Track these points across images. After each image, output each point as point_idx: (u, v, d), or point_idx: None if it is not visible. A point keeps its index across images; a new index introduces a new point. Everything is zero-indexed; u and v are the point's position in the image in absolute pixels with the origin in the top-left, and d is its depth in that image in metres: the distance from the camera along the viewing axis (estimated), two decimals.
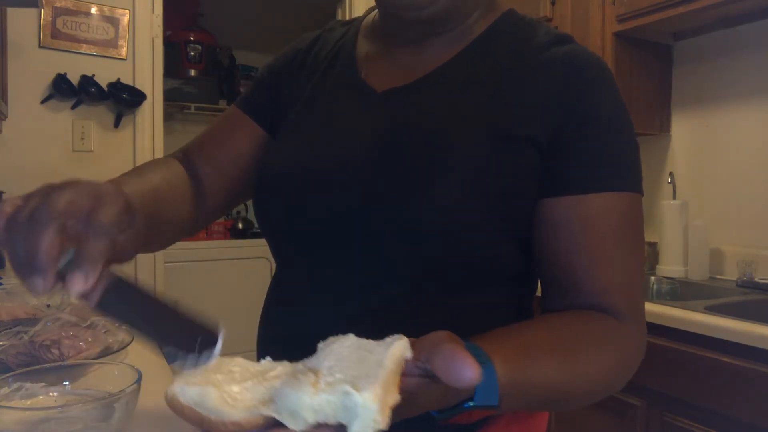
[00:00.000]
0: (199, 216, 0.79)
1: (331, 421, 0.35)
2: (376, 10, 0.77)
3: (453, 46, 0.69)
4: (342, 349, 0.39)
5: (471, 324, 0.58)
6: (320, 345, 0.41)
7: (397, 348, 0.38)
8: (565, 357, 0.55)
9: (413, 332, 0.55)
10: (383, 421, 0.34)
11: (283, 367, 0.40)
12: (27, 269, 0.38)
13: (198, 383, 0.37)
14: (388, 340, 0.39)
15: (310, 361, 0.39)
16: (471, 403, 0.45)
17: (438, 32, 0.69)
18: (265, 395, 0.37)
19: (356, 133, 0.67)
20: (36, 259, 0.38)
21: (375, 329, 0.57)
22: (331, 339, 0.41)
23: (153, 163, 0.78)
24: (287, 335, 0.69)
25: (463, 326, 0.56)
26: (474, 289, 0.63)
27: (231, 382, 0.38)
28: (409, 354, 0.39)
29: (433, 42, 0.70)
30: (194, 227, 0.80)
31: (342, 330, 0.57)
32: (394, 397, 0.36)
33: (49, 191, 0.41)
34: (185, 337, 0.41)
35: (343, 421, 0.34)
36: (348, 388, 0.34)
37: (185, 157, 0.81)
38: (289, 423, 0.35)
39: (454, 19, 0.69)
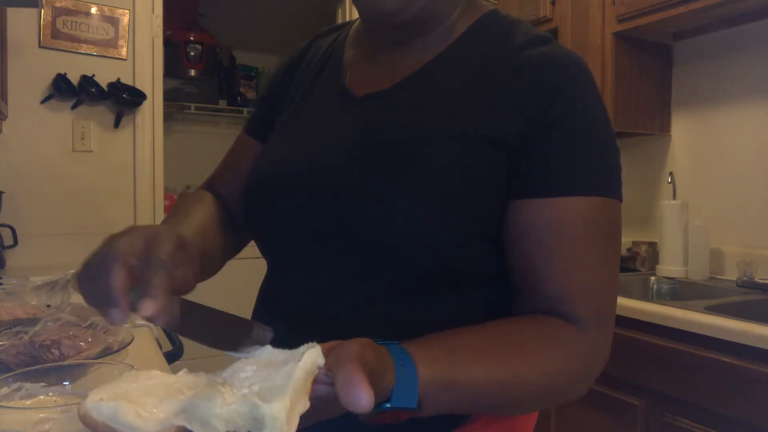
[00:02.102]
0: (239, 238, 0.85)
1: (242, 430, 0.36)
2: None
3: (433, 48, 0.69)
4: (257, 361, 0.41)
5: (445, 326, 0.59)
6: (236, 356, 0.43)
7: (308, 358, 0.40)
8: (498, 359, 0.54)
9: (389, 333, 0.57)
10: (290, 430, 0.36)
11: (198, 378, 0.41)
12: (105, 304, 0.43)
13: (111, 398, 0.37)
14: (301, 349, 0.41)
15: (227, 372, 0.41)
16: (388, 405, 0.46)
17: (417, 34, 0.69)
18: (178, 407, 0.38)
19: (332, 136, 0.68)
20: (110, 294, 0.43)
21: (350, 330, 0.59)
22: (251, 350, 0.43)
23: (192, 200, 0.82)
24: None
25: (438, 328, 0.58)
26: (448, 291, 0.63)
27: (147, 395, 0.38)
28: (321, 361, 0.41)
29: (415, 44, 0.69)
30: (237, 249, 0.86)
31: (318, 330, 0.59)
32: (304, 405, 0.38)
33: (111, 238, 0.47)
34: (244, 338, 0.44)
35: (252, 431, 0.36)
36: (256, 400, 0.36)
37: (210, 187, 0.87)
38: None
39: (431, 21, 0.68)
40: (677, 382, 1.49)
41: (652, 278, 2.09)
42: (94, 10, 2.36)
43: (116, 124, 2.42)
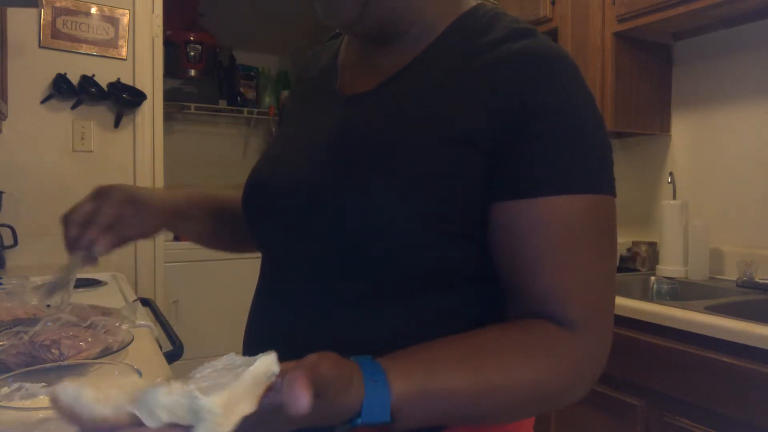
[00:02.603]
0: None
1: (183, 422, 0.38)
2: None
3: (415, 47, 0.68)
4: (218, 364, 0.44)
5: (428, 325, 0.60)
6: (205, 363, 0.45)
7: (261, 363, 0.42)
8: (476, 368, 0.53)
9: (369, 334, 0.60)
10: (227, 427, 0.38)
11: (163, 379, 0.44)
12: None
13: (78, 383, 0.41)
14: (258, 356, 0.43)
15: (192, 373, 0.44)
16: (359, 420, 0.47)
17: (391, 37, 0.68)
18: (134, 395, 0.40)
19: (318, 137, 0.69)
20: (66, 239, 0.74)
21: (332, 330, 0.62)
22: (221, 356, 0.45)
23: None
24: (256, 331, 0.73)
25: (421, 327, 0.60)
26: (429, 291, 0.62)
27: (113, 387, 0.42)
28: (275, 369, 0.42)
29: (398, 43, 0.68)
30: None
31: (301, 329, 0.63)
32: (249, 406, 0.40)
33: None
34: None
35: (192, 423, 0.38)
36: (196, 392, 0.38)
37: None
38: (146, 420, 0.38)
39: (399, 24, 0.67)
40: (677, 382, 1.49)
41: (652, 278, 2.09)
42: (94, 10, 2.36)
43: (116, 124, 2.42)
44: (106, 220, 0.71)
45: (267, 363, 0.42)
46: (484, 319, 0.62)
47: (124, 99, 2.38)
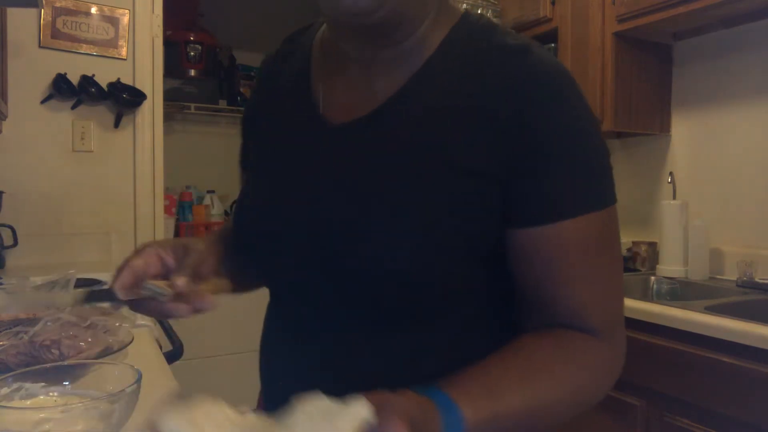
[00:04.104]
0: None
1: None
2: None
3: (407, 66, 0.64)
4: (311, 410, 0.44)
5: (444, 349, 0.63)
6: (294, 401, 0.46)
7: (357, 412, 0.43)
8: (532, 387, 0.57)
9: (389, 358, 0.62)
10: None
11: (257, 419, 0.45)
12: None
13: (178, 419, 0.42)
14: (351, 403, 0.44)
15: (283, 417, 0.44)
16: None
17: (388, 43, 0.64)
18: None
19: (315, 170, 0.66)
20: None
21: (349, 366, 0.63)
22: (304, 397, 0.46)
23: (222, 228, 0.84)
24: (274, 368, 0.73)
25: (436, 350, 0.62)
26: (443, 315, 0.64)
27: (208, 423, 0.43)
28: (369, 417, 0.43)
29: (387, 59, 0.65)
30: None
31: (327, 364, 0.65)
32: None
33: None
34: None
35: None
36: None
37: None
38: None
39: (404, 25, 0.63)
40: (677, 382, 1.49)
41: (652, 278, 2.09)
42: (94, 10, 2.36)
43: (116, 124, 2.42)
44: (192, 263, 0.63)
45: (363, 412, 0.43)
46: (498, 333, 0.65)
47: (124, 99, 2.38)
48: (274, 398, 0.71)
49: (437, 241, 0.59)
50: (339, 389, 0.56)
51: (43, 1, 2.14)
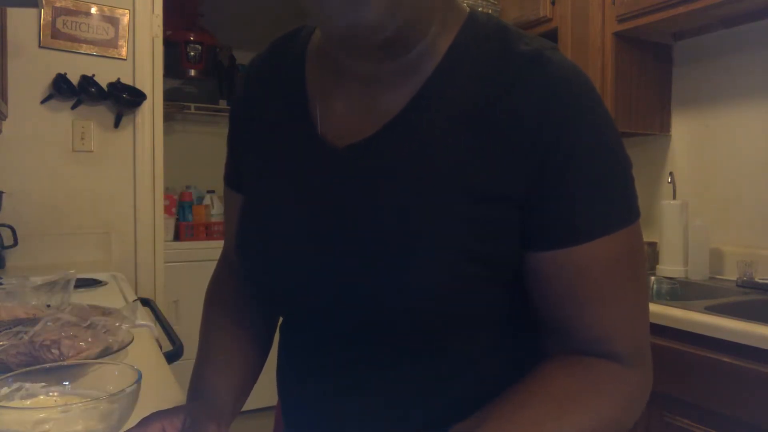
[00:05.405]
0: (270, 334, 0.80)
1: None
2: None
3: (415, 76, 0.59)
4: None
5: (458, 376, 0.62)
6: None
7: None
8: (568, 421, 0.54)
9: (408, 393, 0.61)
10: None
11: None
12: None
13: None
14: None
15: None
16: None
17: (395, 56, 0.58)
18: None
19: (322, 201, 0.61)
20: None
21: (369, 399, 0.62)
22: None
23: (222, 339, 0.76)
24: (292, 390, 0.71)
25: (450, 377, 0.61)
26: (466, 341, 0.62)
27: None
28: None
29: (392, 71, 0.59)
30: (269, 342, 0.80)
31: (334, 392, 0.64)
32: None
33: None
34: None
35: None
36: None
37: (227, 263, 0.82)
38: None
39: (413, 35, 0.57)
40: (677, 381, 1.49)
41: (652, 278, 2.08)
42: (94, 10, 2.36)
43: (116, 124, 2.42)
44: None
45: None
46: (521, 357, 0.63)
47: (124, 99, 2.38)
48: (295, 423, 0.71)
49: (454, 272, 0.55)
50: (364, 414, 0.56)
51: (43, 1, 2.13)
